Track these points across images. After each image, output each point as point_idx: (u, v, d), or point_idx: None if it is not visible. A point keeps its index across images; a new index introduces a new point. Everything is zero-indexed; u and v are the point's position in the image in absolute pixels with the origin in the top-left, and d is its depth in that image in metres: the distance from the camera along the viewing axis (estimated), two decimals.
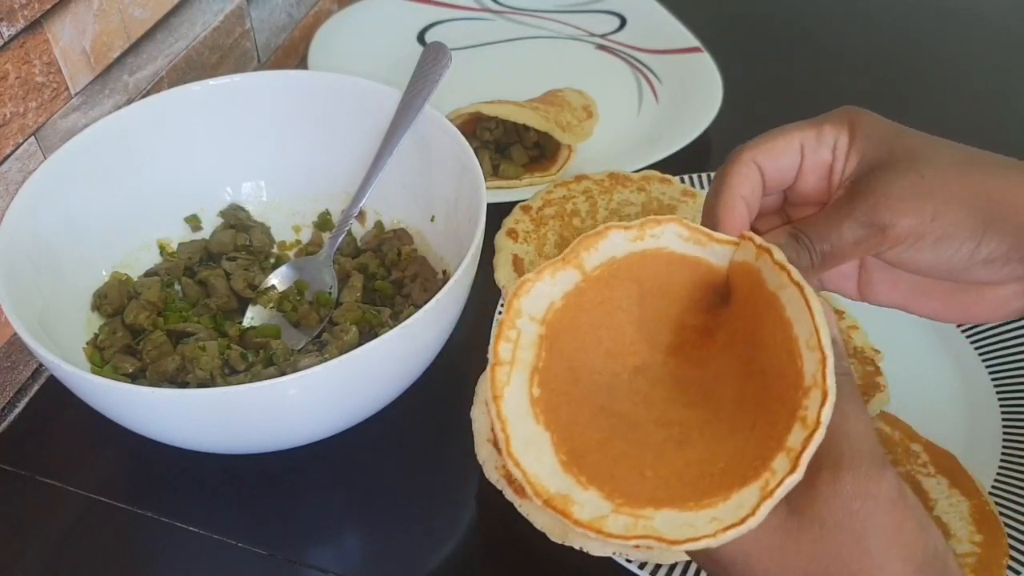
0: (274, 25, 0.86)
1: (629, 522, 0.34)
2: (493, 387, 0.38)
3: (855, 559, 0.33)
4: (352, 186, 0.66)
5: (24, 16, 0.56)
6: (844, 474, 0.34)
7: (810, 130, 0.42)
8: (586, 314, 0.39)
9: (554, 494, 0.35)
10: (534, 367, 0.39)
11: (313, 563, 0.54)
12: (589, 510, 0.35)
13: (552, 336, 0.39)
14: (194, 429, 0.51)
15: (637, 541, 0.34)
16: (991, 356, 0.62)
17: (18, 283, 0.53)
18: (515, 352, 0.39)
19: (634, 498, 0.35)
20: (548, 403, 0.38)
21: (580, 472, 0.36)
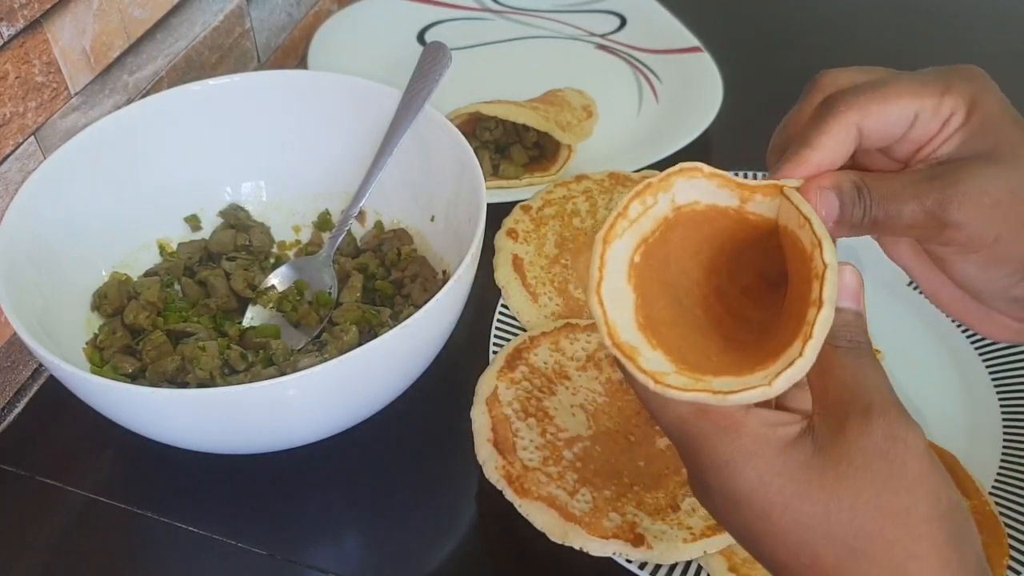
0: (274, 25, 0.86)
1: (688, 381, 0.36)
2: (608, 232, 0.39)
3: (883, 498, 0.33)
4: (352, 186, 0.66)
5: (24, 16, 0.56)
6: (875, 418, 0.34)
7: (930, 99, 0.38)
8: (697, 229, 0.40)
9: (624, 342, 0.37)
10: (645, 238, 0.40)
11: (313, 563, 0.54)
12: (653, 364, 0.37)
13: (672, 223, 0.40)
14: (194, 429, 0.51)
15: (694, 395, 0.35)
16: (991, 356, 0.62)
17: (18, 283, 0.53)
18: (641, 216, 0.39)
19: (696, 367, 0.37)
20: (642, 272, 0.39)
21: (652, 335, 0.38)
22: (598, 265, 0.39)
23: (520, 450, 0.55)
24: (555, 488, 0.53)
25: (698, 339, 0.39)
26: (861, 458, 0.33)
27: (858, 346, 0.36)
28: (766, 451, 0.35)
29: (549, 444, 0.56)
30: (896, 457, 0.33)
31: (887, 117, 0.38)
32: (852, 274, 0.37)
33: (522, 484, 0.53)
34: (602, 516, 0.51)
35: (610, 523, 0.51)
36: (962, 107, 0.38)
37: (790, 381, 0.34)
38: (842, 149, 0.39)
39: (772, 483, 0.35)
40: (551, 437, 0.56)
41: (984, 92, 0.39)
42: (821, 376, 0.36)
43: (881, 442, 0.33)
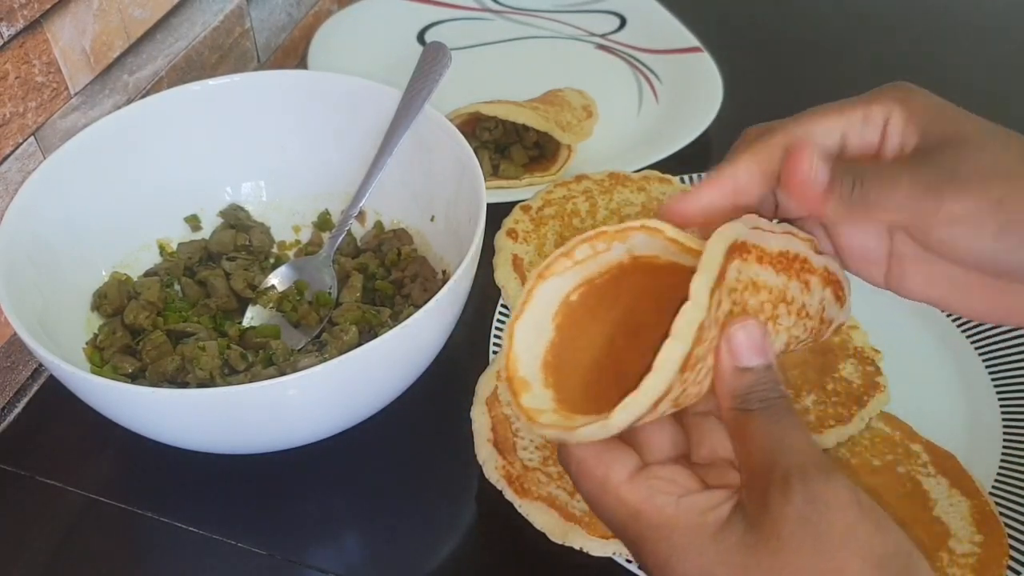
0: (274, 25, 0.86)
1: (557, 419, 0.37)
2: (546, 269, 0.39)
3: (814, 562, 0.33)
4: (352, 186, 0.66)
5: (24, 16, 0.56)
6: (794, 484, 0.33)
7: (854, 113, 0.39)
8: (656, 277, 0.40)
9: (519, 377, 0.38)
10: (591, 279, 0.40)
11: (313, 563, 0.54)
12: (536, 402, 0.37)
13: (628, 269, 0.39)
14: (194, 429, 0.51)
15: (551, 431, 0.36)
16: (991, 356, 0.62)
17: (18, 283, 0.53)
18: (588, 260, 0.39)
19: (574, 409, 0.37)
20: (575, 311, 0.40)
21: (551, 376, 0.39)
22: (523, 299, 0.39)
23: (520, 450, 0.55)
24: (555, 488, 0.53)
25: (605, 382, 0.39)
26: (787, 529, 0.33)
27: (770, 405, 0.36)
28: (699, 543, 0.35)
29: (549, 444, 0.56)
30: (820, 520, 0.33)
31: (811, 137, 0.39)
32: (756, 327, 0.36)
33: (522, 484, 0.53)
34: None
35: None
36: (896, 109, 0.38)
37: (626, 416, 0.34)
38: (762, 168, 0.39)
39: (712, 573, 0.34)
40: None
41: (913, 92, 0.39)
42: (741, 445, 0.36)
43: (802, 507, 0.33)
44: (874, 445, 0.57)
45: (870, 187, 0.37)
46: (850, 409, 0.57)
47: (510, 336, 0.39)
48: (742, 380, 0.36)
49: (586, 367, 0.39)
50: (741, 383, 0.36)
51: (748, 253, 0.36)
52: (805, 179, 0.37)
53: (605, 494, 0.37)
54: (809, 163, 0.37)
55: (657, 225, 0.38)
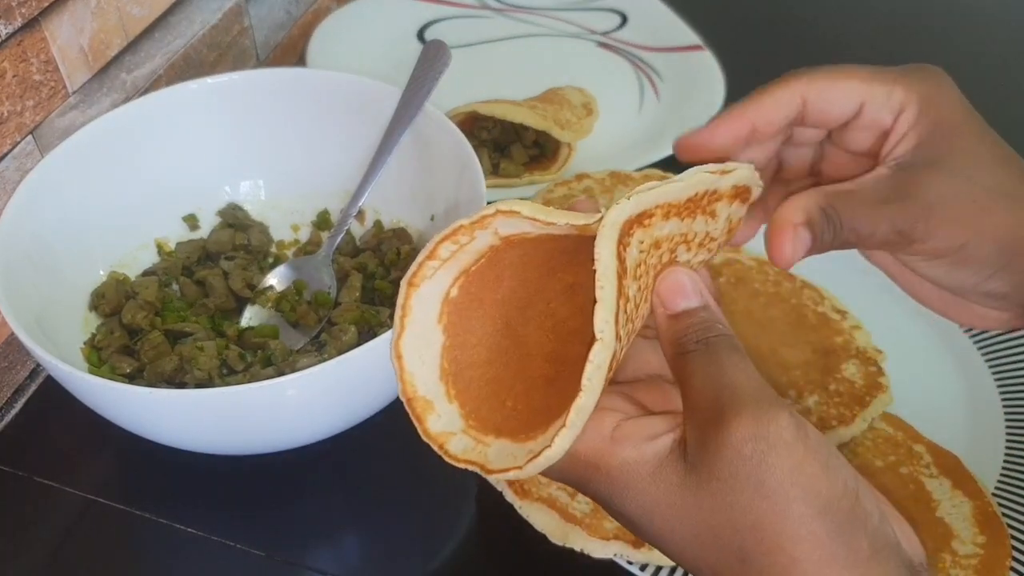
0: (273, 23, 0.86)
1: (469, 445, 0.35)
2: (414, 275, 0.37)
3: (755, 504, 0.31)
4: (351, 185, 0.66)
5: (22, 14, 0.56)
6: (730, 421, 0.32)
7: (879, 87, 0.39)
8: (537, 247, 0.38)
9: (420, 396, 0.36)
10: (466, 269, 0.38)
11: (312, 565, 0.54)
12: (443, 423, 0.36)
13: (502, 249, 0.38)
14: (192, 430, 0.51)
15: (466, 465, 0.35)
16: (995, 357, 0.62)
17: (15, 282, 0.52)
18: (457, 253, 0.37)
19: (485, 423, 0.36)
20: (459, 306, 0.38)
21: (453, 385, 0.37)
22: (400, 314, 0.37)
23: None
24: (555, 489, 0.53)
25: (508, 376, 0.37)
26: (727, 469, 0.32)
27: (708, 344, 0.35)
28: (638, 483, 0.34)
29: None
30: (761, 459, 0.31)
31: (832, 94, 0.39)
32: (679, 272, 0.36)
33: (522, 485, 0.53)
34: (603, 517, 0.51)
35: (611, 524, 0.51)
36: (914, 102, 0.39)
37: (541, 467, 0.33)
38: (779, 112, 0.40)
39: (653, 512, 0.34)
40: None
41: (938, 90, 0.39)
42: (683, 386, 0.35)
43: (741, 446, 0.32)
44: (876, 446, 0.57)
45: (848, 236, 0.39)
46: (852, 410, 0.57)
47: (398, 356, 0.37)
48: (677, 324, 0.36)
49: (486, 362, 0.38)
50: (677, 327, 0.36)
51: (650, 218, 0.35)
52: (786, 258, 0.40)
53: None
54: (791, 248, 0.39)
55: (512, 207, 0.36)
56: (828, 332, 0.62)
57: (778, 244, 0.39)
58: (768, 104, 0.40)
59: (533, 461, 0.33)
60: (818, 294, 0.64)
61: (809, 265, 0.65)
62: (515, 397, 0.36)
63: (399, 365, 0.37)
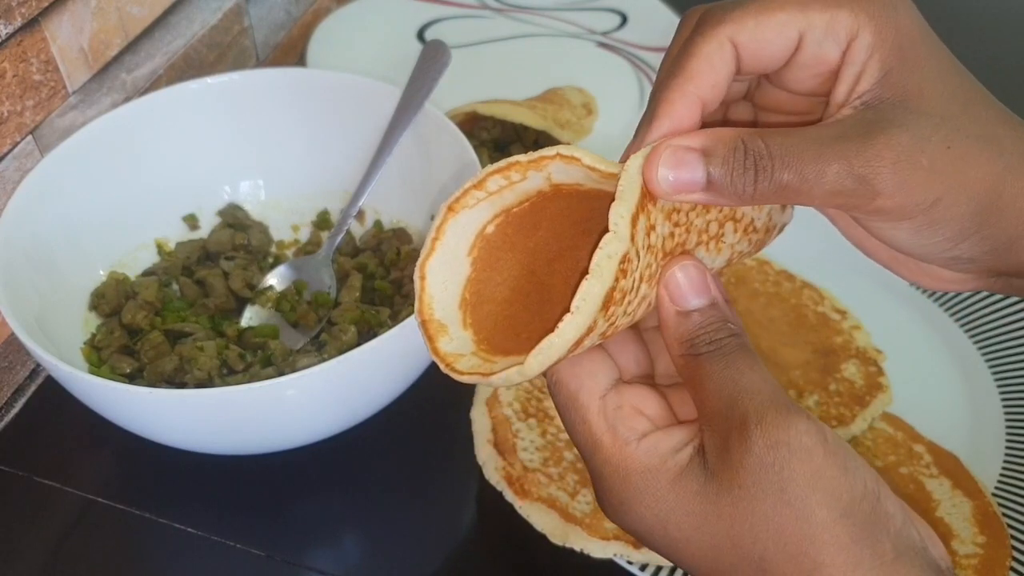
0: (273, 23, 0.86)
1: (476, 363, 0.35)
2: (456, 201, 0.37)
3: (777, 512, 0.31)
4: (351, 185, 0.66)
5: (21, 14, 0.56)
6: (752, 429, 0.31)
7: (818, 16, 0.32)
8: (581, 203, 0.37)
9: (436, 319, 0.36)
10: (507, 208, 0.37)
11: (312, 565, 0.54)
12: (454, 346, 0.36)
13: (549, 196, 0.37)
14: (192, 430, 0.51)
15: (468, 378, 0.34)
16: (994, 356, 0.62)
17: (15, 282, 0.53)
18: (503, 190, 0.37)
19: (495, 348, 0.35)
20: (491, 244, 0.37)
21: (469, 315, 0.37)
22: (433, 236, 0.37)
23: (520, 451, 0.55)
24: (555, 489, 0.53)
25: (525, 315, 0.36)
26: (750, 477, 0.31)
27: (720, 347, 0.33)
28: (657, 489, 0.33)
29: (549, 445, 0.55)
30: (783, 466, 0.31)
31: (764, 31, 0.32)
32: (694, 267, 0.33)
33: (522, 485, 0.53)
34: (603, 517, 0.51)
35: (611, 524, 0.51)
36: (867, 27, 0.32)
37: (543, 359, 0.31)
38: (718, 73, 0.33)
39: (669, 520, 0.33)
40: (551, 438, 0.56)
41: (897, 8, 0.32)
42: (696, 391, 0.33)
43: (764, 454, 0.31)
44: (876, 446, 0.57)
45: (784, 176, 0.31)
46: (852, 410, 0.57)
47: (422, 276, 0.36)
48: (687, 323, 0.33)
49: (506, 300, 0.37)
50: (687, 327, 0.34)
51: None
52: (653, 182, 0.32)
53: (574, 412, 0.35)
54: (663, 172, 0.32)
55: (573, 152, 0.34)
56: (828, 332, 0.62)
57: (650, 164, 0.32)
58: (704, 69, 0.33)
59: (536, 351, 0.31)
60: (818, 294, 0.64)
61: (808, 265, 0.66)
62: (529, 332, 0.36)
63: (421, 285, 0.37)
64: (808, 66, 0.33)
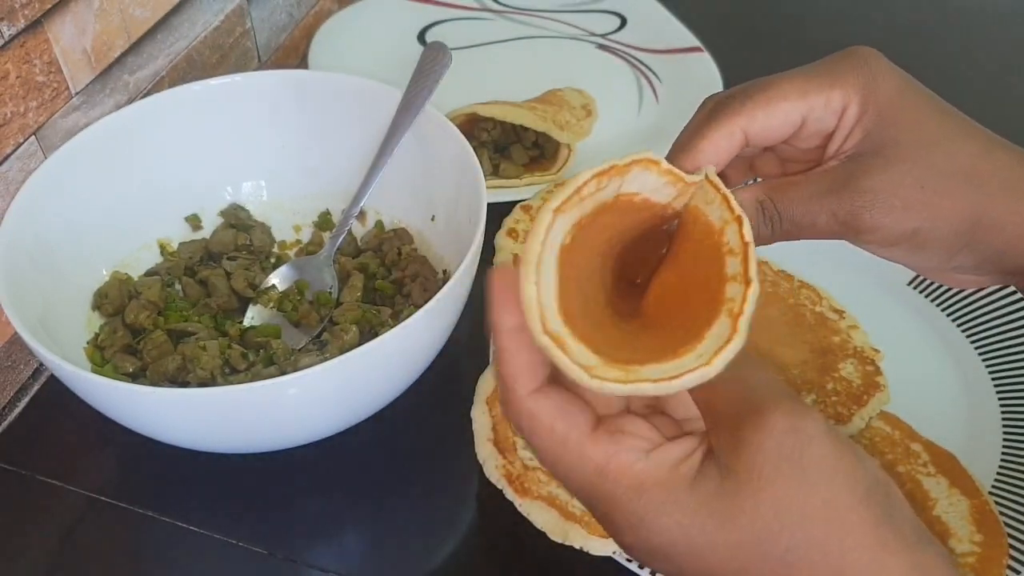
0: (275, 25, 0.86)
1: (620, 373, 0.33)
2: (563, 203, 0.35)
3: (799, 498, 0.31)
4: (352, 185, 0.66)
5: (25, 16, 0.56)
6: (768, 416, 0.32)
7: (817, 96, 0.38)
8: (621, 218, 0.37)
9: (553, 332, 0.33)
10: (580, 220, 0.36)
11: (313, 563, 0.54)
12: (581, 357, 0.33)
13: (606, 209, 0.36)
14: (194, 429, 0.51)
15: (633, 387, 0.32)
16: (991, 356, 0.62)
17: (18, 282, 0.53)
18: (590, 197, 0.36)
19: (616, 359, 0.34)
20: (568, 255, 0.36)
21: (573, 326, 0.34)
22: (542, 239, 0.34)
23: (520, 449, 0.55)
24: (555, 487, 0.53)
25: (605, 330, 0.35)
26: (768, 466, 0.31)
27: None
28: (676, 497, 0.33)
29: None
30: (802, 452, 0.31)
31: (772, 121, 0.38)
32: None
33: (522, 483, 0.53)
34: None
35: None
36: (855, 98, 0.38)
37: (728, 358, 0.32)
38: (723, 154, 0.39)
39: (692, 525, 0.33)
40: None
41: (877, 78, 0.38)
42: (704, 391, 0.33)
43: (782, 440, 0.31)
44: (874, 444, 0.57)
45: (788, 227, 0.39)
46: (850, 409, 0.57)
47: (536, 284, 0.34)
48: None
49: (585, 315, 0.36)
50: None
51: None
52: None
53: (566, 452, 0.34)
54: None
55: (653, 158, 0.36)
56: (825, 331, 0.62)
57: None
58: (710, 152, 0.39)
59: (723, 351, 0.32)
60: (816, 294, 0.64)
61: (807, 265, 0.66)
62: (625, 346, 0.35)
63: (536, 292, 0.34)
64: (808, 138, 0.40)
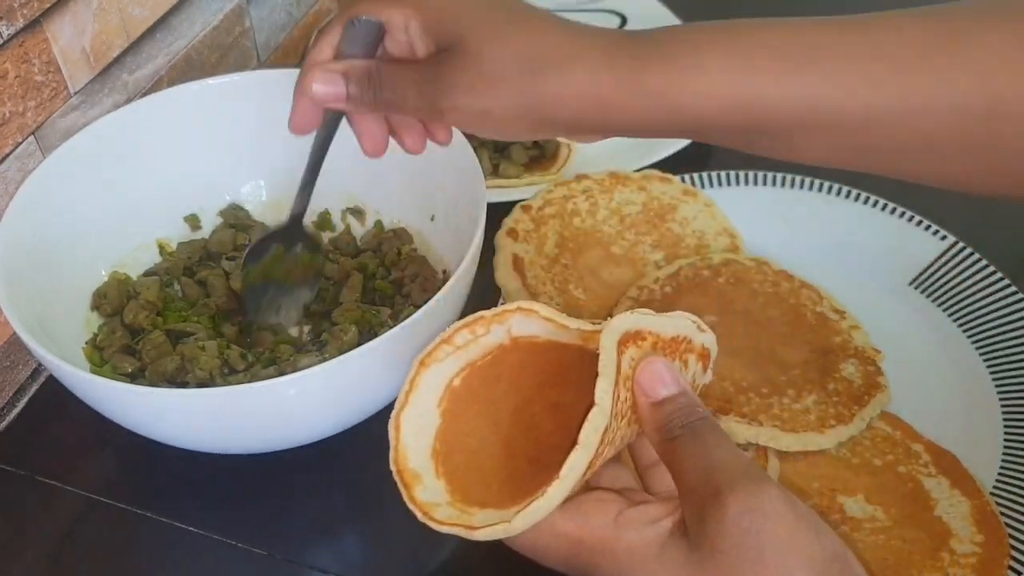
0: (274, 24, 0.86)
1: (453, 514, 0.38)
2: (427, 356, 0.41)
3: (757, 572, 0.34)
4: (352, 186, 0.66)
5: (23, 15, 0.56)
6: (726, 498, 0.34)
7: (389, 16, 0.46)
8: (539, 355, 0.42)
9: (410, 468, 0.40)
10: (473, 362, 0.41)
11: (313, 563, 0.54)
12: (429, 495, 0.39)
13: (508, 349, 0.41)
14: (193, 429, 0.51)
15: (449, 529, 0.37)
16: (992, 355, 0.62)
17: (17, 282, 0.53)
18: (469, 344, 0.41)
19: (470, 499, 0.39)
20: (459, 396, 0.41)
21: (442, 464, 0.40)
22: (407, 389, 0.41)
23: None
24: None
25: (493, 466, 0.40)
26: (728, 543, 0.34)
27: (692, 427, 0.38)
28: (643, 563, 0.36)
29: None
30: (759, 530, 0.34)
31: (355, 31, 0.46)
32: (658, 362, 0.39)
33: None
34: None
35: None
36: (413, 18, 0.45)
37: (529, 520, 0.35)
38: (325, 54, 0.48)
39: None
40: None
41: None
42: (675, 470, 0.37)
43: (740, 521, 0.34)
44: (875, 445, 0.57)
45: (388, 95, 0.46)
46: (851, 409, 0.57)
47: (397, 427, 0.40)
48: (661, 412, 0.38)
49: (475, 450, 0.40)
50: (660, 415, 0.38)
51: (643, 340, 0.39)
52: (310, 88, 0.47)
53: (539, 536, 0.38)
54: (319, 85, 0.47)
55: (532, 307, 0.40)
56: (826, 332, 0.62)
57: (307, 77, 0.46)
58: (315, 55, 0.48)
59: (522, 512, 0.35)
60: (816, 294, 0.64)
61: (807, 265, 0.66)
62: (499, 483, 0.39)
63: (396, 435, 0.40)
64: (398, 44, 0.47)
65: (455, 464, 0.40)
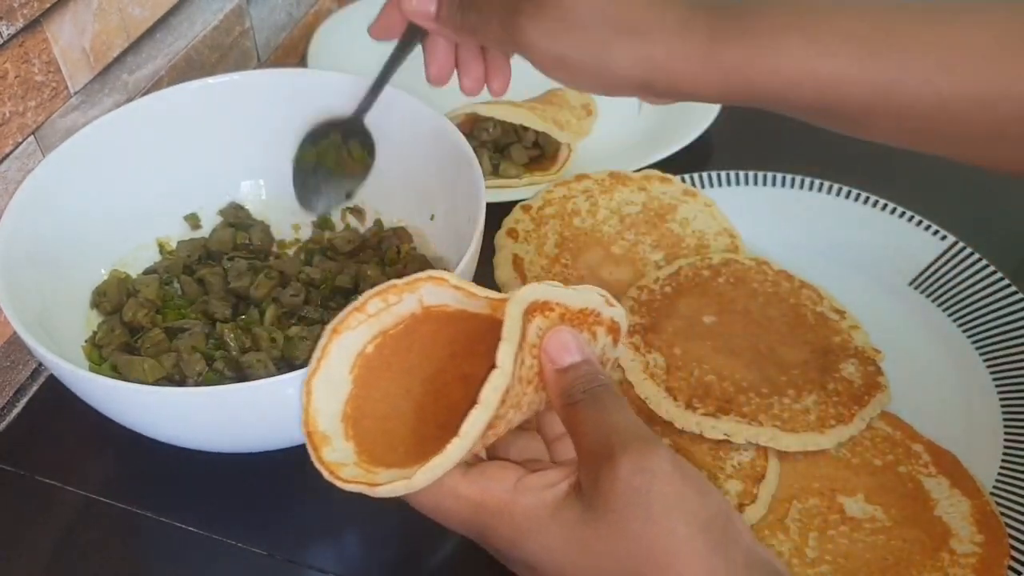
0: (274, 24, 0.86)
1: (359, 473, 0.39)
2: (340, 324, 0.42)
3: (646, 530, 0.35)
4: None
5: (23, 15, 0.56)
6: (618, 458, 0.36)
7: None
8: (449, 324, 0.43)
9: (319, 431, 0.41)
10: (385, 330, 0.42)
11: (313, 563, 0.54)
12: (337, 456, 0.40)
13: (420, 319, 0.42)
14: (193, 428, 0.51)
15: (353, 486, 0.39)
16: (993, 355, 0.62)
17: (17, 282, 0.53)
18: (382, 312, 0.42)
19: (376, 460, 0.40)
20: (371, 363, 0.42)
21: (351, 428, 0.41)
22: (318, 355, 0.42)
23: None
24: None
25: (402, 430, 0.41)
26: (620, 502, 0.36)
27: (592, 393, 0.39)
28: (539, 523, 0.38)
29: None
30: (648, 488, 0.36)
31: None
32: (565, 332, 0.40)
33: None
34: None
35: None
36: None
37: (429, 475, 0.37)
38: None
39: (555, 549, 0.37)
40: None
41: None
42: (574, 433, 0.39)
43: (631, 480, 0.36)
44: (875, 445, 0.57)
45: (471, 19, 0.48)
46: (851, 409, 0.57)
47: (308, 392, 0.41)
48: (564, 378, 0.40)
49: (385, 416, 0.41)
50: (564, 381, 0.40)
51: (551, 311, 0.40)
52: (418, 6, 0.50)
53: (443, 499, 0.40)
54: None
55: (441, 275, 0.41)
56: (826, 332, 0.62)
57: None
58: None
59: (423, 468, 0.36)
60: (816, 294, 0.64)
61: (807, 265, 0.66)
62: (407, 447, 0.40)
63: (307, 400, 0.41)
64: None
65: (365, 428, 0.41)
